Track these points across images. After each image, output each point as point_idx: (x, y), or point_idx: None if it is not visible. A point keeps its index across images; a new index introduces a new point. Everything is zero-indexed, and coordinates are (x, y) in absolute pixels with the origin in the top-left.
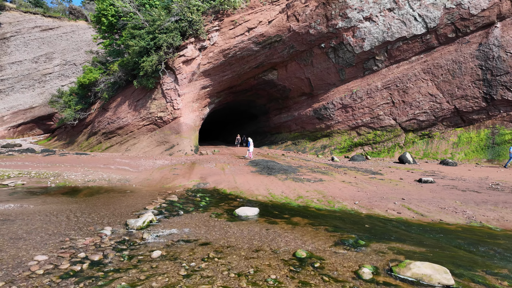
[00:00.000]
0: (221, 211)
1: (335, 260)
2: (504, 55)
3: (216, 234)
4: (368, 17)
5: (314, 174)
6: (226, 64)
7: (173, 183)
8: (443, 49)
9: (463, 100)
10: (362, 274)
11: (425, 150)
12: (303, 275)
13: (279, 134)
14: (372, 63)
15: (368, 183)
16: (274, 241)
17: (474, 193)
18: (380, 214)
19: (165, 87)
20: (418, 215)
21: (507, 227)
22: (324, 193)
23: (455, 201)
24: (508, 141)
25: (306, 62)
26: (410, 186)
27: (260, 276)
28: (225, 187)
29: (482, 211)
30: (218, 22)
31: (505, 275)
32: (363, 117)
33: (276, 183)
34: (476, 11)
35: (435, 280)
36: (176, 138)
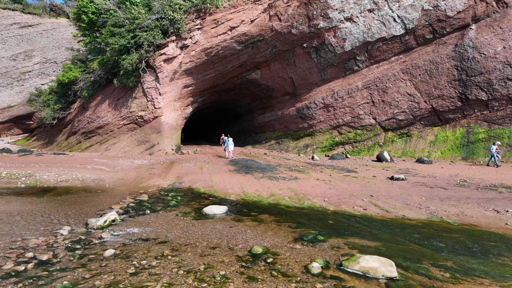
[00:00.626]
0: (190, 210)
1: (289, 255)
2: (478, 56)
3: (178, 232)
4: (349, 18)
5: (291, 172)
6: (209, 63)
7: (147, 182)
8: (421, 49)
9: (440, 99)
10: (311, 269)
11: (403, 148)
12: (253, 271)
13: (263, 134)
14: (353, 63)
15: (341, 180)
16: (234, 238)
17: (441, 190)
18: (347, 210)
19: (146, 86)
20: (383, 211)
21: (464, 221)
22: (297, 191)
23: (421, 198)
24: (481, 140)
25: (289, 62)
26: (381, 183)
27: (210, 273)
28: (200, 186)
29: (445, 206)
30: (200, 21)
31: (449, 267)
32: (344, 116)
33: (251, 182)
34: (452, 13)
35: (380, 273)
36: (157, 137)
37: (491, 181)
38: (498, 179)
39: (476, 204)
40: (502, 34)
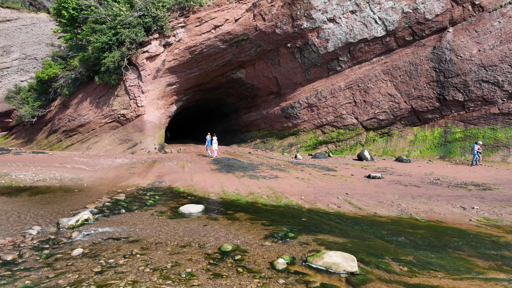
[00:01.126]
0: (166, 209)
1: (258, 252)
2: (455, 58)
3: (150, 231)
4: (332, 19)
5: (272, 171)
6: (193, 61)
7: (126, 182)
8: (401, 51)
9: (419, 100)
10: (276, 265)
11: (384, 148)
12: (220, 268)
13: (248, 133)
14: (336, 63)
15: (320, 179)
16: (206, 237)
17: (415, 188)
18: (321, 208)
19: (128, 84)
20: (356, 209)
21: (432, 218)
22: (275, 189)
23: (394, 195)
24: (458, 139)
25: (273, 62)
26: (358, 182)
27: (176, 270)
28: (180, 185)
29: (416, 204)
30: (183, 19)
31: (408, 261)
32: (327, 116)
33: (232, 181)
34: (431, 16)
35: (341, 268)
36: (139, 136)
37: (462, 179)
38: (469, 177)
39: (445, 201)
40: (477, 37)
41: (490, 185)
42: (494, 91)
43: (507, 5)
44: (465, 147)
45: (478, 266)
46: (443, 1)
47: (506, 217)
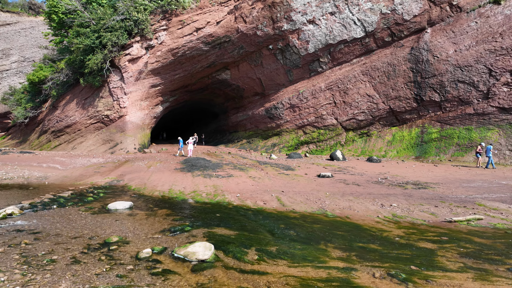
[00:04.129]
0: (99, 205)
1: (137, 243)
2: (432, 59)
3: (61, 224)
4: (312, 20)
5: (231, 170)
6: (176, 63)
7: (86, 180)
8: (380, 52)
9: (397, 100)
10: (140, 254)
11: (363, 148)
12: (86, 255)
13: (236, 133)
14: (317, 65)
15: (270, 178)
16: (104, 229)
17: (354, 186)
18: (248, 205)
19: (112, 85)
20: (280, 205)
21: (343, 214)
22: (219, 188)
23: (326, 193)
24: (434, 139)
25: (257, 63)
26: (305, 180)
27: (43, 258)
28: (134, 184)
29: (340, 201)
30: (166, 22)
31: (268, 251)
32: (309, 116)
33: (186, 179)
34: (409, 16)
35: (195, 256)
36: (121, 136)
37: (409, 179)
38: (419, 177)
39: (371, 199)
40: (454, 38)
41: (431, 184)
42: (469, 92)
43: (486, 5)
44: (440, 147)
45: (328, 256)
46: (421, 2)
47: (415, 214)
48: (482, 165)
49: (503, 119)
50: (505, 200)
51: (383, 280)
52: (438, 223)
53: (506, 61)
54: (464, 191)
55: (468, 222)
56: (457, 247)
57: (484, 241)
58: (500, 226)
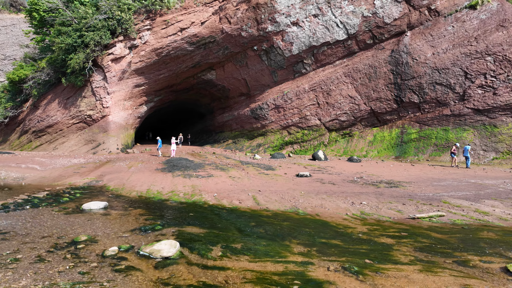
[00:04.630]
0: (74, 205)
1: (105, 242)
2: (411, 61)
3: (32, 224)
4: (295, 22)
5: (213, 170)
6: (161, 63)
7: (64, 181)
8: (362, 54)
9: (378, 102)
10: (106, 252)
11: (345, 148)
12: (54, 254)
13: (222, 133)
14: (301, 66)
15: (250, 177)
16: (74, 229)
17: (329, 185)
18: (223, 204)
19: (95, 85)
20: (255, 204)
21: (314, 212)
22: (198, 188)
23: (301, 192)
24: (413, 140)
25: (242, 64)
26: (284, 180)
27: (7, 257)
28: (113, 184)
29: (313, 200)
30: (150, 22)
31: (233, 248)
32: (293, 117)
33: (166, 180)
34: (389, 20)
35: (159, 253)
36: (103, 136)
37: (384, 178)
38: (394, 176)
39: (343, 197)
40: (432, 41)
41: (403, 183)
42: (446, 93)
43: (462, 10)
44: (419, 147)
45: (290, 252)
46: (401, 5)
47: (382, 211)
48: (458, 165)
49: (478, 120)
50: (469, 198)
51: (336, 273)
52: (402, 220)
53: (481, 64)
54: (433, 189)
55: (430, 218)
56: (414, 242)
57: (440, 236)
58: (459, 222)
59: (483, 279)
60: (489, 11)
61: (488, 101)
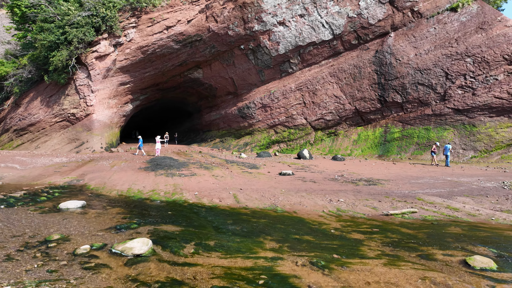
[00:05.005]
0: (51, 204)
1: (79, 240)
2: (395, 62)
3: (4, 223)
4: (282, 22)
5: (197, 169)
6: (146, 61)
7: (44, 180)
8: (347, 54)
9: (362, 101)
10: (77, 250)
11: (330, 147)
12: (23, 253)
13: (209, 132)
14: (287, 65)
15: (234, 176)
16: (47, 227)
17: (310, 183)
18: (203, 202)
19: (78, 83)
20: (234, 202)
21: (292, 209)
22: (179, 186)
23: (282, 190)
24: (396, 139)
25: (229, 62)
26: (266, 178)
27: None
28: (94, 183)
29: (293, 197)
30: (135, 19)
31: (205, 245)
32: (280, 116)
33: (148, 179)
34: (374, 21)
35: (131, 251)
36: (87, 135)
37: (364, 176)
38: (374, 174)
39: (322, 195)
40: (415, 42)
41: (382, 180)
42: (428, 93)
43: (444, 12)
44: (402, 146)
45: (262, 248)
46: (385, 7)
47: (358, 208)
48: (438, 163)
49: (458, 120)
50: (443, 195)
51: (303, 268)
52: (376, 216)
53: (461, 65)
54: (410, 187)
55: (403, 215)
56: (383, 237)
57: (410, 231)
58: (430, 218)
59: (442, 272)
60: (469, 13)
61: (468, 101)
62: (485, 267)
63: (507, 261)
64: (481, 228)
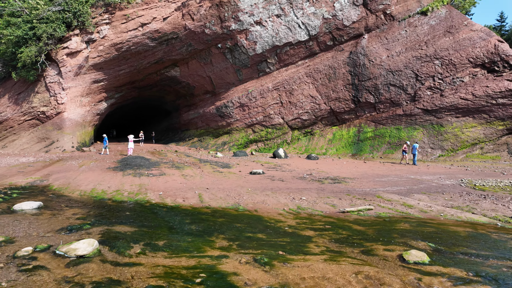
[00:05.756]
0: (5, 206)
1: (24, 242)
2: (368, 63)
3: None
4: (259, 22)
5: (168, 169)
6: (121, 59)
7: (5, 180)
8: (323, 55)
9: (337, 101)
10: (18, 252)
11: (307, 146)
12: None
13: (187, 131)
14: (265, 65)
15: (203, 175)
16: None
17: (279, 182)
18: (166, 202)
19: (49, 80)
20: (198, 202)
21: (254, 208)
22: (145, 186)
23: (248, 189)
24: (369, 138)
25: (206, 61)
26: (236, 177)
27: None
28: (58, 183)
29: (257, 196)
30: (108, 15)
31: (154, 245)
32: (257, 115)
33: (114, 179)
34: (348, 22)
35: (75, 252)
36: (58, 134)
37: (332, 174)
38: (342, 172)
39: (287, 193)
40: (387, 44)
41: (348, 179)
42: (399, 94)
43: (415, 15)
44: (374, 145)
45: (211, 247)
46: (359, 9)
47: (317, 206)
48: (409, 162)
49: (427, 120)
50: (401, 192)
51: (246, 265)
52: (333, 214)
53: (430, 67)
54: (373, 184)
55: (358, 212)
56: (333, 234)
57: (360, 228)
58: (383, 215)
59: (377, 266)
60: (438, 17)
61: (436, 102)
62: (418, 261)
63: (442, 255)
64: (428, 224)
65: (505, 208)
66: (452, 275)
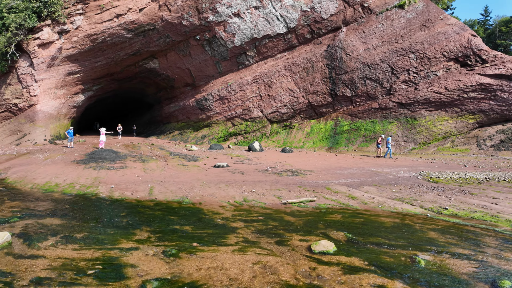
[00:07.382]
0: None
1: None
2: (345, 57)
3: None
4: (237, 13)
5: (132, 162)
6: (97, 50)
7: None
8: (302, 48)
9: (315, 95)
10: None
11: (285, 139)
12: None
13: (168, 124)
14: (244, 58)
15: (165, 169)
16: None
17: (239, 175)
18: (113, 195)
19: (21, 72)
20: (146, 195)
21: (199, 200)
22: (99, 180)
23: (203, 182)
24: (345, 131)
25: (185, 53)
26: (197, 170)
27: None
28: (14, 177)
29: (209, 189)
30: (82, 6)
31: (72, 237)
32: (237, 109)
33: (73, 172)
34: (326, 15)
35: None
36: (30, 127)
37: (295, 167)
38: (307, 165)
39: (239, 186)
40: (364, 37)
41: (308, 171)
42: (375, 88)
43: (392, 9)
44: (350, 139)
45: (129, 239)
46: (336, 2)
47: (264, 198)
48: (384, 155)
49: (401, 113)
50: (352, 185)
51: (151, 257)
52: (274, 205)
53: (405, 61)
54: (329, 177)
55: (299, 203)
56: (261, 225)
57: (291, 219)
58: (323, 206)
59: (280, 256)
60: (415, 11)
61: (410, 95)
62: (323, 251)
63: (352, 245)
64: (361, 215)
65: (446, 199)
66: (348, 264)
